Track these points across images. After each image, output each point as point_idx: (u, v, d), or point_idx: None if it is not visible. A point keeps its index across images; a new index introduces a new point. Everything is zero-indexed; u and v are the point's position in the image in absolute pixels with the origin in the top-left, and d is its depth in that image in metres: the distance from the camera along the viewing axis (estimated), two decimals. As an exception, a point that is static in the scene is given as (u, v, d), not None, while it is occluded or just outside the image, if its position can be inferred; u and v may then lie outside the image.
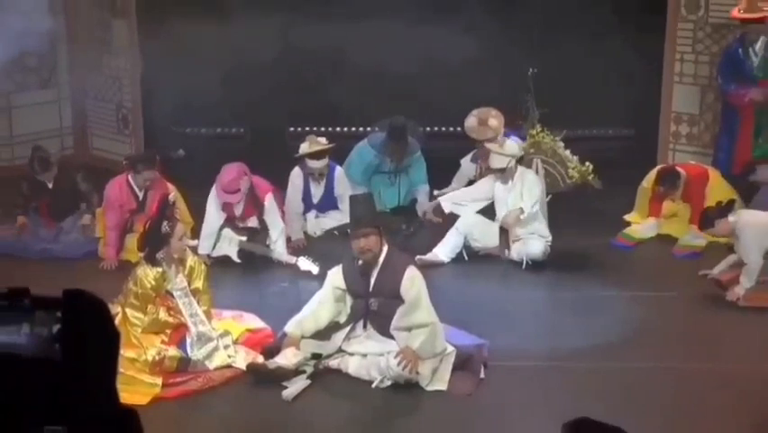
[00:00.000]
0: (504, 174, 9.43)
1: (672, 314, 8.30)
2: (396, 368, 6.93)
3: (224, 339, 7.32)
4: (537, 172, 9.89)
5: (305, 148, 9.88)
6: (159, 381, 6.97)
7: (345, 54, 10.91)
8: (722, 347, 7.90)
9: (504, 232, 9.39)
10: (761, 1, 10.19)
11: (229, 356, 7.24)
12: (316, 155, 9.82)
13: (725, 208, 8.50)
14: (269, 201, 9.36)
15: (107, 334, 2.20)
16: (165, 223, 7.41)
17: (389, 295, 7.15)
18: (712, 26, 10.97)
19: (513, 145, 9.64)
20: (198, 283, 7.42)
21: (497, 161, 9.49)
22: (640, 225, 10.02)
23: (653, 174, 10.17)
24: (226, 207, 9.30)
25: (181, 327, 7.27)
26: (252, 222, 9.39)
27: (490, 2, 10.85)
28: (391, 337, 7.15)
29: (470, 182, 10.40)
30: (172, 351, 7.13)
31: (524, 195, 9.38)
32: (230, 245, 9.26)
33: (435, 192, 10.43)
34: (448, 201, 9.73)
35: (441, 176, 10.55)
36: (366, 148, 10.49)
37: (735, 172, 10.07)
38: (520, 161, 9.56)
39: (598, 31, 10.84)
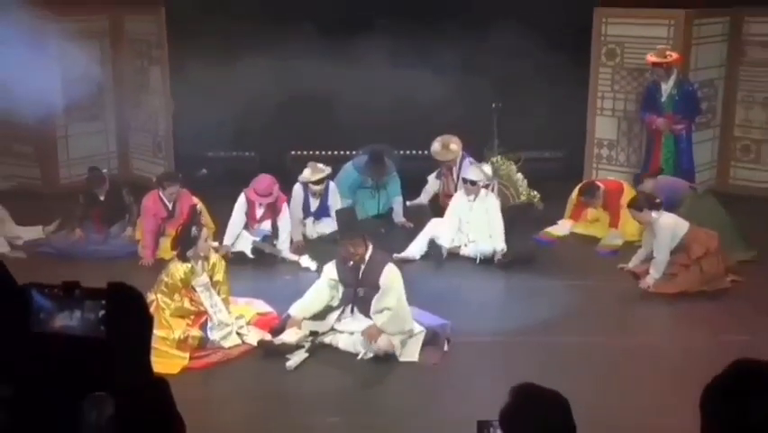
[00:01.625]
0: (473, 188, 9.38)
1: (597, 299, 8.30)
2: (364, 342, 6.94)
3: (238, 321, 7.31)
4: (494, 191, 9.95)
5: (307, 174, 9.82)
6: (186, 354, 6.94)
7: (336, 93, 10.90)
8: (636, 325, 7.92)
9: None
10: (668, 50, 10.27)
11: (239, 335, 7.23)
12: (316, 182, 9.80)
13: (656, 203, 8.42)
14: (286, 208, 9.35)
15: (143, 318, 2.20)
16: (194, 227, 7.41)
17: (372, 285, 7.13)
18: (626, 70, 11.06)
19: (488, 168, 9.71)
20: (219, 276, 7.37)
21: (473, 174, 9.48)
22: (558, 225, 10.04)
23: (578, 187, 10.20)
24: (251, 210, 9.27)
25: (202, 313, 7.23)
26: (266, 225, 9.34)
27: (450, 53, 10.87)
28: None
29: (435, 195, 10.43)
30: (194, 331, 7.09)
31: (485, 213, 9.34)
32: (245, 244, 9.24)
33: (408, 203, 10.42)
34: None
35: (412, 190, 10.54)
36: (351, 169, 10.46)
37: None
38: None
39: (536, 74, 10.86)
